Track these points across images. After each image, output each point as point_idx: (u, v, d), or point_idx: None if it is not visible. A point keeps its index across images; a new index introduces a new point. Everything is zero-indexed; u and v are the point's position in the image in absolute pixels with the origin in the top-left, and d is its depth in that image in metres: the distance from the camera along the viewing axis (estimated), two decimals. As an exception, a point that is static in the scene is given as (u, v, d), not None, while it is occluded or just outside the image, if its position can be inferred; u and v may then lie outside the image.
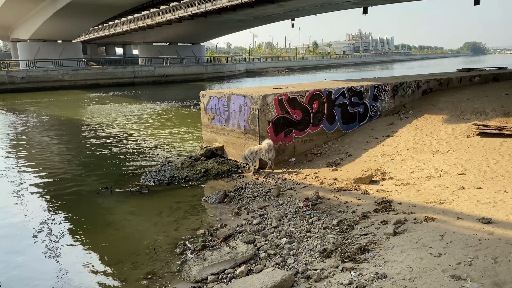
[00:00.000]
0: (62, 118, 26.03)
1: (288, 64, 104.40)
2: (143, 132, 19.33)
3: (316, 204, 8.14)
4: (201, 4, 50.10)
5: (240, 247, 6.37)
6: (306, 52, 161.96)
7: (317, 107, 11.92)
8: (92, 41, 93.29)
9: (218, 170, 11.40)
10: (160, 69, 57.45)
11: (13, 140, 18.68)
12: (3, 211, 9.39)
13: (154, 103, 31.98)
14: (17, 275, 6.55)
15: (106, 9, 47.75)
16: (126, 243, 7.42)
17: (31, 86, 46.35)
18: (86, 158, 14.62)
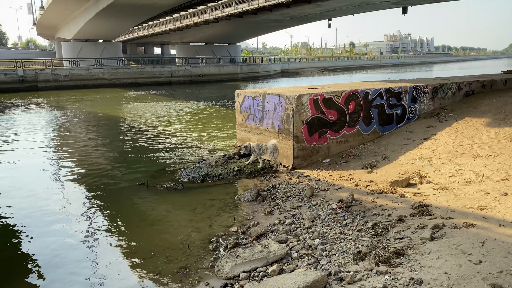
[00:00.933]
0: (102, 115, 26.90)
1: (324, 65, 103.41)
2: (179, 130, 19.67)
3: (350, 206, 8.03)
4: (238, 5, 50.42)
5: (272, 246, 6.37)
6: (343, 53, 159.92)
7: (353, 108, 11.75)
8: (132, 41, 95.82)
9: (252, 169, 11.45)
10: (196, 68, 58.28)
11: (56, 135, 19.49)
12: (44, 203, 9.81)
13: (190, 102, 32.49)
14: (55, 264, 6.83)
15: (146, 9, 48.92)
16: (161, 238, 7.58)
17: (73, 84, 48.14)
18: (124, 153, 15.04)
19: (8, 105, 32.66)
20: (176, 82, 55.07)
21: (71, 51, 60.55)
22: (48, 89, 46.07)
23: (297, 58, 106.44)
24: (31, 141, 17.79)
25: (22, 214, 9.20)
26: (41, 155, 15.12)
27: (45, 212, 9.24)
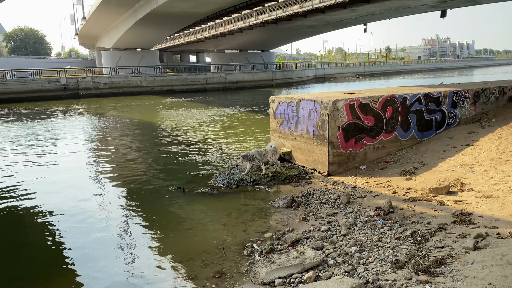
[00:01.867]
0: (140, 121, 27.63)
1: (359, 70, 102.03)
2: (213, 136, 19.91)
3: (388, 214, 7.85)
4: (272, 12, 50.68)
5: (308, 252, 6.31)
6: (379, 58, 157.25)
7: (390, 114, 11.51)
8: (168, 49, 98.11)
9: (286, 175, 11.42)
10: (231, 75, 58.89)
11: (96, 141, 20.18)
12: (83, 206, 10.15)
13: (224, 109, 32.84)
14: (92, 263, 7.05)
15: (182, 18, 50.01)
16: (196, 241, 7.67)
17: (113, 92, 49.71)
18: (161, 159, 15.36)
19: (52, 112, 34.14)
20: (210, 89, 55.84)
21: (111, 59, 62.71)
22: (89, 96, 47.80)
23: (331, 64, 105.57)
24: (72, 146, 18.49)
25: (62, 215, 9.56)
26: (82, 159, 15.69)
27: (85, 214, 9.56)
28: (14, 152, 17.20)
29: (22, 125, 26.15)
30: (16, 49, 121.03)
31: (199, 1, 41.78)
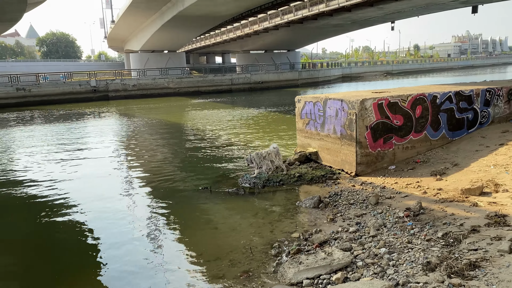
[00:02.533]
0: (167, 122, 28.05)
1: (387, 68, 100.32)
2: (239, 136, 19.98)
3: (418, 215, 7.67)
4: (297, 11, 50.44)
5: (336, 253, 6.24)
6: (407, 56, 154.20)
7: (420, 112, 11.25)
8: (195, 51, 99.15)
9: (312, 175, 11.33)
10: (256, 76, 59.01)
11: (125, 142, 20.60)
12: (112, 204, 10.38)
13: (250, 109, 32.93)
14: (119, 265, 7.18)
15: (207, 20, 50.44)
16: (224, 241, 7.72)
17: (141, 93, 50.68)
18: (188, 159, 15.54)
19: (83, 113, 35.09)
20: (236, 89, 56.12)
21: (139, 62, 63.91)
22: (118, 98, 48.86)
23: (358, 63, 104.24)
24: (102, 147, 18.94)
25: (91, 213, 9.81)
26: (111, 159, 16.05)
27: (113, 213, 9.78)
28: (46, 152, 17.76)
29: (54, 126, 26.99)
30: (49, 53, 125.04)
31: (225, 3, 42.06)
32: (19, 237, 8.94)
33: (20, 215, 10.33)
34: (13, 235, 9.06)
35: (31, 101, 44.36)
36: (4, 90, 44.49)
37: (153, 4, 46.31)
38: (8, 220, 10.05)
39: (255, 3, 46.81)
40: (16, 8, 33.18)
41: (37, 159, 16.46)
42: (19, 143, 20.90)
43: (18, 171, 14.58)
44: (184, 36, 59.37)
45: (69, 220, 9.57)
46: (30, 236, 8.97)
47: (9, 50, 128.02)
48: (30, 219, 9.96)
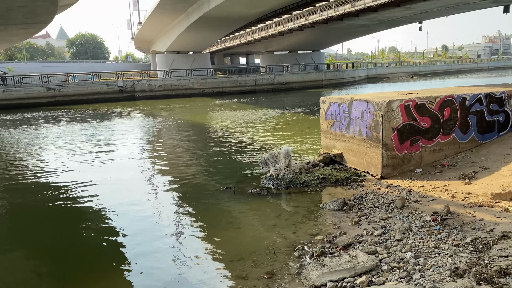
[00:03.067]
0: (192, 122, 28.34)
1: (414, 69, 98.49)
2: (263, 136, 19.99)
3: (445, 219, 7.50)
4: (323, 12, 50.11)
5: (360, 256, 6.17)
6: (434, 56, 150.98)
7: (448, 115, 10.99)
8: (219, 52, 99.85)
9: (337, 177, 11.22)
10: (280, 76, 58.92)
11: (150, 141, 20.93)
12: (137, 203, 10.55)
13: (273, 110, 32.90)
14: (143, 263, 7.28)
15: (233, 21, 50.71)
16: (247, 241, 7.74)
17: (166, 94, 51.36)
18: (211, 158, 15.65)
19: (110, 113, 35.84)
20: (260, 90, 56.18)
21: (164, 62, 64.83)
22: (144, 98, 49.67)
23: (384, 63, 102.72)
24: (129, 146, 19.30)
25: (117, 211, 10.01)
26: (137, 158, 16.33)
27: (138, 212, 9.94)
28: (75, 150, 18.22)
29: (83, 125, 27.67)
30: (78, 53, 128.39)
31: (250, 4, 42.19)
32: (49, 234, 9.20)
33: (49, 214, 10.63)
34: (43, 233, 9.32)
35: (60, 101, 45.62)
36: (35, 90, 45.90)
37: (179, 6, 46.88)
38: (37, 219, 10.35)
39: (280, 4, 46.77)
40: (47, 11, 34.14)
41: (66, 158, 16.91)
42: (49, 142, 21.52)
43: (48, 171, 15.01)
44: (209, 37, 59.88)
45: (96, 218, 9.79)
46: (59, 233, 9.22)
47: (40, 51, 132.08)
48: (59, 217, 10.25)
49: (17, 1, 29.38)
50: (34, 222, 9.85)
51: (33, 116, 35.49)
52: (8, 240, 8.93)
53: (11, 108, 42.34)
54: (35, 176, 14.16)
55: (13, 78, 49.23)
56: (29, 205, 11.12)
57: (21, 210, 10.87)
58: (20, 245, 8.60)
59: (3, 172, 14.91)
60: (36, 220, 9.99)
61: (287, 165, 11.47)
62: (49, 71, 72.59)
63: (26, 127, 27.94)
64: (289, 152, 11.62)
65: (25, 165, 16.00)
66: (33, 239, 8.82)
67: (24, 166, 15.93)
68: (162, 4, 46.06)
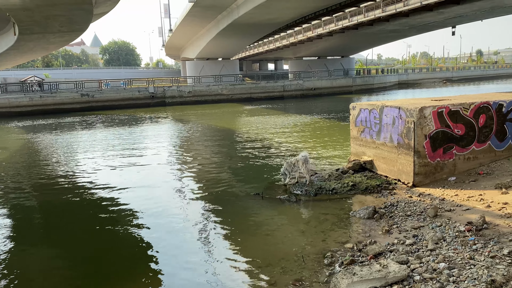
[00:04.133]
0: (220, 128, 28.60)
1: (446, 75, 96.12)
2: (291, 142, 19.94)
3: (481, 230, 7.25)
4: (352, 17, 49.75)
5: (391, 266, 6.04)
6: (468, 62, 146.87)
7: (484, 122, 10.66)
8: (248, 58, 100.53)
9: (367, 184, 11.05)
10: (308, 82, 58.71)
11: (180, 146, 21.25)
12: (166, 208, 10.71)
13: (302, 116, 32.79)
14: (171, 268, 7.37)
15: (262, 27, 51.01)
16: (275, 248, 7.72)
17: (195, 99, 52.07)
18: (240, 164, 15.73)
19: (141, 118, 36.64)
20: (288, 96, 56.13)
21: (194, 69, 65.81)
22: (174, 104, 50.53)
23: (415, 69, 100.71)
24: (159, 150, 19.64)
25: (146, 215, 10.19)
26: (166, 163, 16.60)
27: (167, 216, 10.08)
28: (107, 154, 18.71)
29: (115, 130, 28.39)
30: (111, 60, 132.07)
31: (279, 11, 42.33)
32: (80, 235, 9.46)
33: (80, 215, 10.94)
34: (74, 234, 9.60)
35: (94, 106, 46.99)
36: (70, 96, 47.49)
37: (209, 13, 47.57)
38: (70, 220, 10.67)
39: (309, 10, 46.72)
40: (82, 19, 35.35)
41: (98, 162, 17.38)
42: (83, 146, 22.19)
43: (81, 175, 15.46)
44: (238, 44, 60.43)
45: (125, 220, 10.00)
46: (90, 234, 9.48)
47: (75, 58, 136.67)
48: (90, 218, 10.54)
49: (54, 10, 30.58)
50: (66, 222, 10.17)
51: (68, 121, 36.72)
52: (41, 240, 9.23)
53: (48, 113, 43.94)
54: (68, 178, 14.62)
55: (50, 84, 51.15)
56: (62, 206, 11.50)
57: (54, 211, 11.25)
58: (52, 244, 8.87)
59: (40, 173, 15.47)
60: (68, 221, 10.31)
61: (308, 170, 11.42)
62: (83, 77, 75.06)
63: (62, 131, 28.92)
64: (307, 158, 11.57)
65: (59, 168, 16.54)
66: (64, 239, 9.11)
67: (59, 168, 16.46)
68: (193, 12, 46.85)
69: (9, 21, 41.07)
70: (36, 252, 8.49)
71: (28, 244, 8.92)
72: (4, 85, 52.98)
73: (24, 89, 51.29)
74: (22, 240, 9.18)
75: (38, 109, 44.74)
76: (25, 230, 9.84)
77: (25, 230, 9.83)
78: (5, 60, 56.24)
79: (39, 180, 14.67)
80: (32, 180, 14.82)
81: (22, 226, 10.17)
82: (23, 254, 8.41)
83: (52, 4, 28.84)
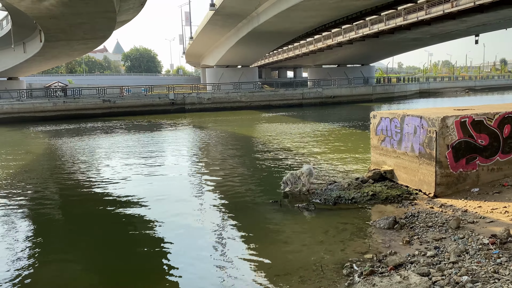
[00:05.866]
0: (239, 135, 28.70)
1: (469, 84, 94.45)
2: (309, 151, 19.84)
3: (505, 243, 7.05)
4: (373, 25, 49.52)
5: (412, 278, 5.93)
6: (492, 71, 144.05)
7: (508, 132, 10.41)
8: (267, 66, 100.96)
9: (387, 194, 10.90)
10: (328, 90, 58.48)
11: (198, 152, 21.40)
12: (183, 214, 10.74)
13: (321, 124, 32.64)
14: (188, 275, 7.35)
15: (281, 35, 51.21)
16: (294, 257, 7.66)
17: (215, 106, 52.46)
18: (258, 171, 15.72)
19: (161, 124, 37.09)
20: (307, 104, 55.99)
21: (214, 76, 66.43)
22: (194, 111, 51.01)
23: (437, 78, 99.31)
24: (177, 156, 19.83)
25: (163, 220, 10.25)
26: (185, 169, 16.72)
27: (184, 222, 10.11)
28: (127, 159, 18.97)
29: (135, 136, 28.80)
30: (132, 67, 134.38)
31: (298, 19, 42.44)
32: (97, 239, 9.60)
33: (99, 219, 11.11)
34: (91, 239, 9.74)
35: (115, 112, 47.83)
36: (92, 102, 48.50)
37: (230, 21, 48.05)
38: (88, 224, 10.83)
39: (330, 18, 46.70)
40: (106, 27, 36.21)
41: (119, 167, 17.64)
42: (105, 152, 22.56)
43: (102, 181, 15.71)
44: (257, 51, 60.80)
45: (142, 225, 10.10)
46: (107, 238, 9.61)
47: (98, 64, 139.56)
48: (108, 222, 10.69)
49: (79, 18, 31.42)
50: (84, 227, 10.33)
51: (89, 126, 37.43)
52: (60, 244, 9.39)
53: (71, 118, 44.94)
54: (89, 184, 14.86)
55: (73, 90, 52.42)
56: (82, 212, 11.69)
57: (75, 216, 11.45)
58: (69, 250, 9.01)
59: (62, 178, 15.79)
60: (87, 227, 10.46)
61: (310, 182, 11.71)
62: (105, 83, 76.57)
63: (84, 136, 29.49)
64: (312, 170, 11.80)
65: (81, 174, 16.85)
66: (82, 244, 9.23)
67: (80, 174, 16.77)
68: (213, 20, 47.42)
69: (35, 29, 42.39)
70: (55, 257, 8.63)
71: (48, 249, 9.09)
72: (29, 91, 54.53)
73: (48, 94, 52.72)
74: (42, 244, 9.34)
75: (62, 114, 45.80)
76: (46, 234, 10.02)
77: (45, 234, 10.02)
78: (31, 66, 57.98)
79: (61, 185, 14.98)
80: (54, 184, 15.15)
81: (43, 230, 10.36)
82: (43, 258, 8.55)
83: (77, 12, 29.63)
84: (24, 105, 45.98)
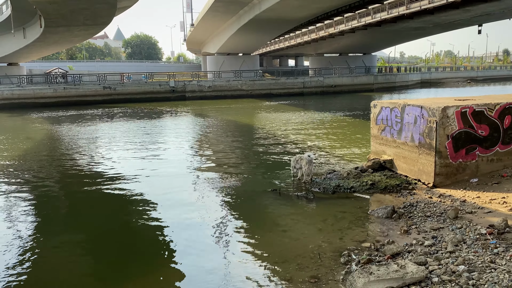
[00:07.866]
0: (239, 123, 28.67)
1: (471, 75, 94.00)
2: (309, 139, 19.84)
3: (503, 233, 7.09)
4: (376, 14, 49.10)
5: (409, 267, 5.97)
6: (495, 61, 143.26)
7: (509, 123, 10.38)
8: (268, 54, 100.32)
9: (386, 184, 10.93)
10: (329, 79, 58.18)
11: (198, 140, 21.40)
12: (182, 202, 10.79)
13: (321, 113, 32.58)
14: (186, 263, 7.39)
15: (283, 23, 50.81)
16: (292, 244, 7.71)
17: (215, 94, 52.28)
18: (257, 159, 15.74)
19: (162, 112, 37.03)
20: (308, 92, 55.77)
21: (215, 64, 66.09)
22: (194, 99, 50.85)
23: (439, 68, 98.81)
24: (177, 144, 19.85)
25: (163, 208, 10.31)
26: (184, 157, 16.74)
27: (183, 210, 10.13)
28: (127, 147, 18.99)
29: (135, 123, 28.77)
30: (133, 54, 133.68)
31: (301, 7, 42.06)
32: (98, 225, 9.65)
33: (102, 207, 11.16)
34: (92, 223, 9.79)
35: (115, 99, 47.71)
36: (93, 88, 48.34)
37: (231, 8, 47.64)
38: (91, 210, 10.88)
39: (332, 6, 46.30)
40: (106, 13, 35.95)
41: (119, 154, 17.68)
42: (105, 137, 22.58)
43: (102, 166, 15.75)
44: (259, 39, 60.39)
45: (142, 213, 10.14)
46: (108, 225, 9.67)
47: (98, 51, 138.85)
48: (109, 209, 10.75)
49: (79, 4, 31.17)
50: (87, 212, 10.39)
51: (90, 112, 37.38)
52: (63, 229, 9.45)
53: (71, 104, 44.85)
54: (90, 169, 14.92)
55: (73, 77, 52.22)
56: (84, 196, 11.76)
57: (76, 200, 11.51)
58: (73, 233, 9.07)
59: (63, 164, 15.82)
60: (89, 211, 10.52)
61: (309, 171, 11.69)
62: (106, 70, 76.22)
63: (84, 122, 29.47)
64: (312, 159, 11.75)
65: (82, 158, 16.88)
66: (83, 228, 9.30)
67: (81, 159, 16.80)
68: (215, 7, 46.99)
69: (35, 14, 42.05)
70: (58, 241, 8.69)
71: (50, 233, 9.16)
72: (30, 76, 54.32)
73: (48, 80, 52.49)
74: (45, 229, 9.42)
75: (62, 101, 45.69)
76: (48, 219, 10.08)
77: (48, 219, 10.07)
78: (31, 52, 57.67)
79: (62, 170, 15.01)
80: (55, 169, 15.19)
81: (45, 215, 10.41)
82: (46, 243, 8.61)
83: (78, -3, 29.36)
84: (25, 91, 45.84)
